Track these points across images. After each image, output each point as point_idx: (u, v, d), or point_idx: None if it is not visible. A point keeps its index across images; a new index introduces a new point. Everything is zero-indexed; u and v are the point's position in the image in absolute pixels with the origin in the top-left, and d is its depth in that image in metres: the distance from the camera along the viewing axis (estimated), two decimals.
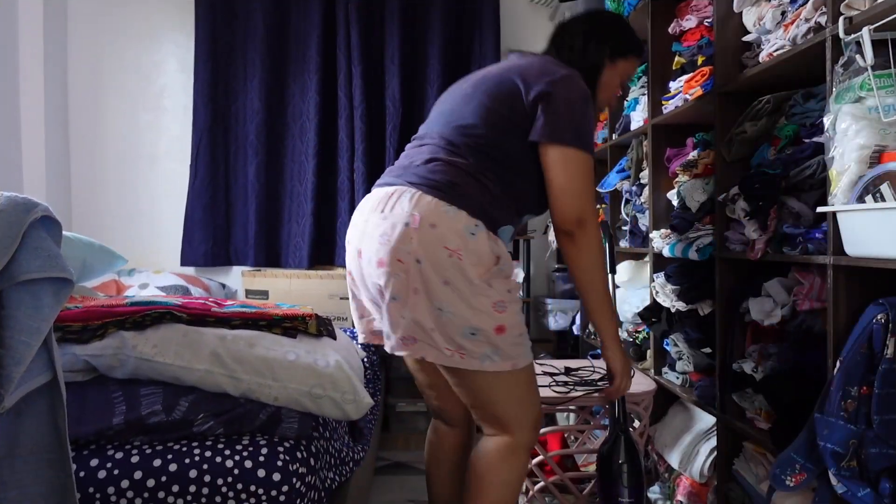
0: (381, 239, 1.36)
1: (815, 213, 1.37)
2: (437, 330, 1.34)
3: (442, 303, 1.32)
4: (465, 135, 1.44)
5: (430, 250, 1.32)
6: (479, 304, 1.34)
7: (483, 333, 1.34)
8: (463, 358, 1.35)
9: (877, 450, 1.11)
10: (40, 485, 0.92)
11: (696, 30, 2.00)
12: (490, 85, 1.49)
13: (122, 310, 1.41)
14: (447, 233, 1.32)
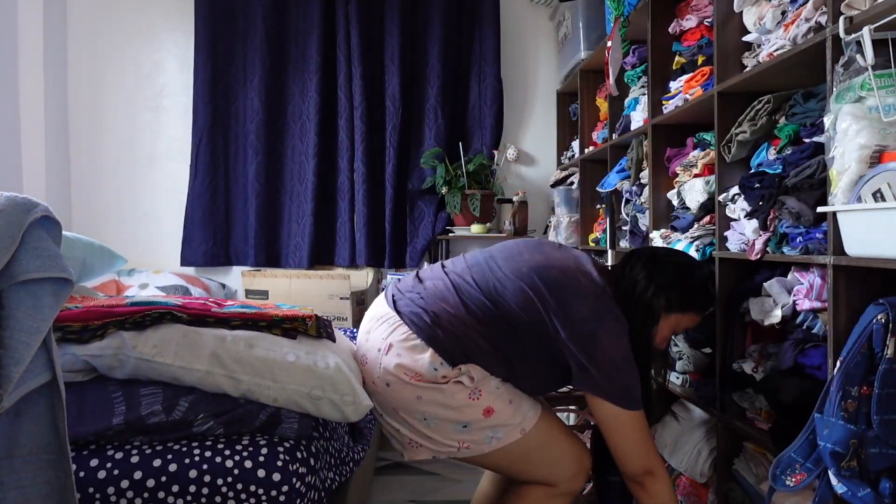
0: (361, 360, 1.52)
1: (815, 213, 1.37)
2: (432, 437, 1.43)
3: (425, 413, 1.41)
4: (492, 302, 1.41)
5: (397, 376, 1.41)
6: (456, 402, 1.40)
7: (473, 423, 1.41)
8: (469, 448, 1.42)
9: (877, 450, 1.11)
10: (40, 485, 0.92)
11: (696, 30, 2.00)
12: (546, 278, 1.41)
13: (122, 310, 1.41)
14: (409, 365, 1.40)
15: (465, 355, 1.40)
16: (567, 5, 3.19)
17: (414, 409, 1.42)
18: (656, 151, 2.18)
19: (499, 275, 1.44)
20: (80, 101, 3.46)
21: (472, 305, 1.42)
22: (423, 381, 1.40)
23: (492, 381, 1.42)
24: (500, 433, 1.41)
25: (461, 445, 1.42)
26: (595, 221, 3.03)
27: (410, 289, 1.52)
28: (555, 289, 1.39)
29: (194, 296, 2.68)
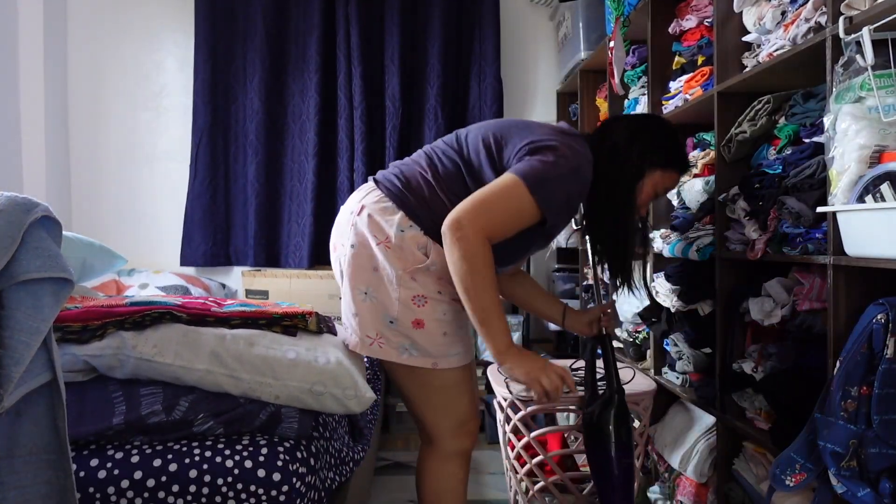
0: (335, 226, 1.52)
1: (815, 213, 1.37)
2: (359, 315, 1.43)
3: (368, 286, 1.41)
4: (454, 153, 1.46)
5: (364, 236, 1.42)
6: (399, 295, 1.39)
7: (400, 324, 1.40)
8: (382, 347, 1.41)
9: (877, 450, 1.11)
10: (40, 485, 0.92)
11: (696, 30, 2.00)
12: (505, 123, 1.48)
13: (122, 310, 1.41)
14: (380, 223, 1.41)
15: (433, 222, 1.35)
16: (567, 5, 3.19)
17: (363, 279, 1.41)
18: None
19: (468, 135, 1.49)
20: (80, 101, 3.46)
21: (439, 165, 1.45)
22: (390, 246, 1.37)
23: (442, 304, 1.40)
24: (414, 352, 1.40)
25: (376, 339, 1.40)
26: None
27: (390, 167, 1.55)
28: (516, 124, 1.45)
29: (194, 296, 2.68)
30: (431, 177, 1.44)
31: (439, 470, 1.51)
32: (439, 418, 1.49)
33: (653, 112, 2.20)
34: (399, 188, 1.44)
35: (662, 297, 2.04)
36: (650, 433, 2.13)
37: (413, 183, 1.44)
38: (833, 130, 1.22)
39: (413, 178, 1.44)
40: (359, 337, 1.43)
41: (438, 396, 1.48)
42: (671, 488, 2.04)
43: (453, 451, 1.51)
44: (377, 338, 1.42)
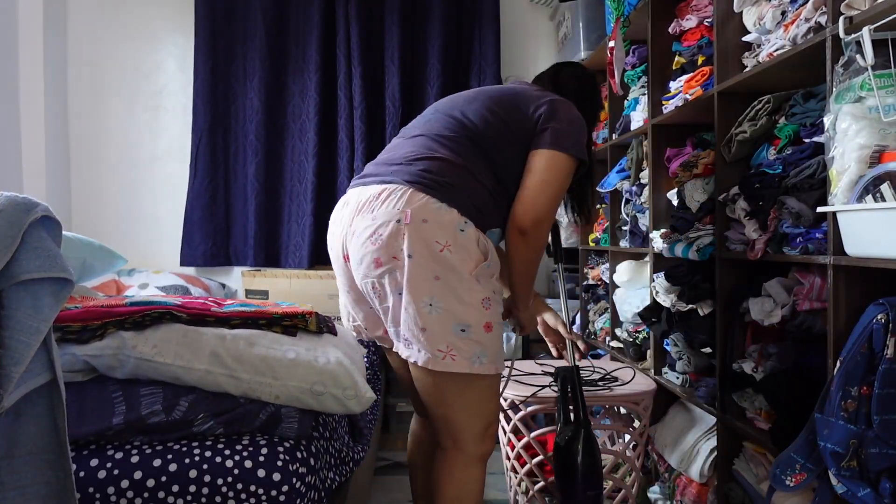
0: (372, 240, 1.36)
1: (815, 213, 1.37)
2: (427, 329, 1.34)
3: (433, 297, 1.33)
4: (464, 131, 1.46)
5: (421, 245, 1.33)
6: (469, 299, 1.35)
7: (473, 330, 1.35)
8: (455, 360, 1.34)
9: (877, 450, 1.11)
10: (40, 485, 0.92)
11: (697, 30, 2.00)
12: (493, 93, 1.54)
13: (122, 310, 1.41)
14: (438, 228, 1.34)
15: (479, 211, 1.40)
16: (567, 5, 3.19)
17: (425, 289, 1.33)
18: (656, 151, 2.18)
19: (463, 112, 1.50)
20: (80, 101, 3.46)
21: (458, 150, 1.45)
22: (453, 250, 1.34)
23: (499, 305, 1.43)
24: (484, 359, 1.36)
25: (448, 352, 1.33)
26: (595, 221, 3.03)
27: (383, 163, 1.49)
28: (506, 92, 1.55)
29: (194, 296, 2.68)
30: (464, 162, 1.42)
31: (463, 474, 1.47)
32: (472, 421, 1.45)
33: (653, 111, 2.20)
34: (443, 185, 1.38)
35: (662, 297, 2.04)
36: (650, 433, 2.13)
37: (450, 176, 1.40)
38: (833, 130, 1.22)
39: (447, 171, 1.41)
40: (430, 353, 1.34)
41: (477, 400, 1.44)
42: (671, 488, 2.04)
43: (479, 454, 1.47)
44: (448, 351, 1.34)
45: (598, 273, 2.95)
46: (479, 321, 1.35)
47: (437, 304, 1.33)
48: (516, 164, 1.46)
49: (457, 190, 1.38)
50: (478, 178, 1.42)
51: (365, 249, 1.38)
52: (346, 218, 1.46)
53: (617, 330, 2.62)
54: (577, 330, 3.10)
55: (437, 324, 1.33)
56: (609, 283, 2.68)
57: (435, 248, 1.33)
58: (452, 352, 1.34)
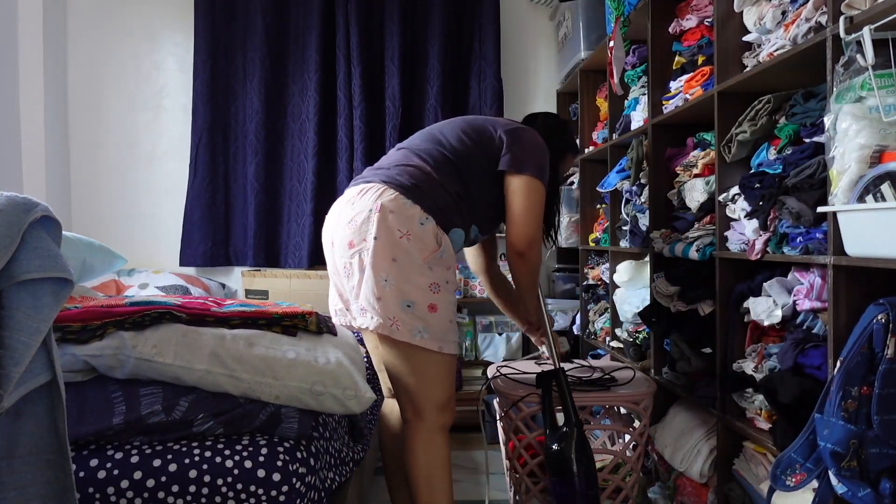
0: (349, 225, 1.62)
1: (815, 213, 1.37)
2: (382, 300, 1.56)
3: (388, 274, 1.56)
4: (440, 148, 1.71)
5: (385, 231, 1.57)
6: (417, 281, 1.58)
7: (417, 307, 1.57)
8: (399, 329, 1.56)
9: (877, 450, 1.11)
10: (40, 485, 0.92)
11: (697, 29, 2.00)
12: (469, 119, 1.80)
13: (122, 310, 1.41)
14: (401, 219, 1.58)
15: (441, 212, 1.63)
16: (567, 5, 3.19)
17: (383, 267, 1.56)
18: (656, 151, 2.18)
19: (441, 131, 1.76)
20: (80, 101, 3.46)
21: (432, 161, 1.69)
22: (411, 238, 1.57)
23: (449, 294, 1.63)
24: (426, 335, 1.58)
25: (394, 321, 1.56)
26: (595, 221, 3.03)
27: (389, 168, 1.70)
28: (477, 120, 1.80)
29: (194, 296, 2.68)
30: (433, 171, 1.67)
31: (428, 441, 1.65)
32: (432, 392, 1.64)
33: (653, 111, 2.20)
34: (412, 186, 1.62)
35: (662, 297, 2.04)
36: (650, 433, 2.13)
37: (420, 180, 1.64)
38: (833, 130, 1.22)
39: (418, 176, 1.65)
40: (381, 318, 1.57)
41: (434, 374, 1.64)
42: (671, 488, 2.04)
43: (440, 424, 1.66)
44: (395, 320, 1.56)
45: (598, 273, 2.95)
46: (423, 301, 1.58)
47: (390, 281, 1.56)
48: (483, 177, 1.70)
49: (423, 192, 1.62)
50: (445, 186, 1.66)
51: (342, 233, 1.63)
52: (336, 211, 1.71)
53: (617, 330, 2.62)
54: (577, 330, 3.09)
55: (389, 297, 1.56)
56: (609, 283, 2.68)
57: (396, 234, 1.57)
58: (398, 322, 1.56)
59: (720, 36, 1.76)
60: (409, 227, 1.58)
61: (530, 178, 1.66)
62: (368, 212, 1.59)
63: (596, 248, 2.95)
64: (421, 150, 1.72)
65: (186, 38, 3.46)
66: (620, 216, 2.60)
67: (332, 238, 1.70)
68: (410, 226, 1.58)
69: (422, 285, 1.58)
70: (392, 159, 1.73)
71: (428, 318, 1.58)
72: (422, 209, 1.60)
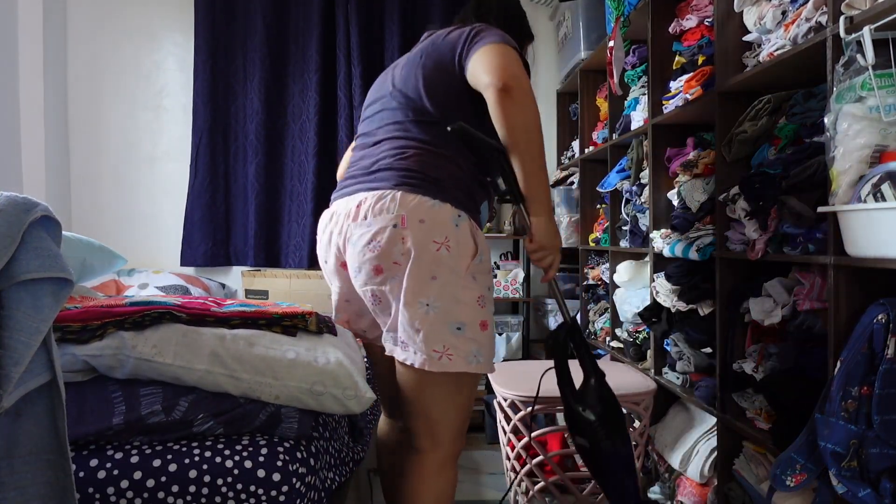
0: (371, 247, 1.35)
1: (815, 213, 1.37)
2: (423, 330, 1.33)
3: (429, 298, 1.32)
4: (417, 117, 1.42)
5: (420, 246, 1.32)
6: (464, 297, 1.34)
7: (469, 328, 1.34)
8: (451, 360, 1.33)
9: (877, 450, 1.11)
10: (39, 486, 0.92)
11: (697, 29, 2.00)
12: (424, 58, 1.47)
13: (122, 310, 1.41)
14: (434, 226, 1.32)
15: (466, 197, 1.38)
16: (567, 5, 3.19)
17: (422, 291, 1.32)
18: (656, 151, 2.18)
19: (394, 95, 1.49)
20: (80, 101, 3.46)
21: (417, 132, 1.40)
22: (450, 247, 1.32)
23: (491, 302, 1.40)
24: (481, 358, 1.34)
25: (444, 352, 1.31)
26: (595, 221, 3.03)
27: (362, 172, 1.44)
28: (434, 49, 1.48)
29: (194, 296, 2.68)
30: (438, 151, 1.39)
31: (440, 474, 1.44)
32: (453, 420, 1.43)
33: (653, 111, 2.20)
34: (432, 180, 1.35)
35: (662, 297, 2.04)
36: (650, 433, 2.13)
37: (431, 170, 1.37)
38: (834, 130, 1.22)
39: (427, 164, 1.38)
40: (426, 354, 1.33)
41: (463, 397, 1.43)
42: (671, 488, 2.04)
43: (454, 452, 1.47)
44: (445, 351, 1.32)
45: (598, 273, 2.95)
46: (474, 319, 1.34)
47: (433, 304, 1.32)
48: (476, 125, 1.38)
49: (443, 183, 1.36)
50: (456, 161, 1.39)
51: (363, 257, 1.37)
52: (339, 227, 1.45)
53: (617, 330, 2.62)
54: None
55: (433, 324, 1.33)
56: (609, 283, 2.68)
57: (432, 248, 1.32)
58: (449, 351, 1.33)
59: (720, 36, 1.76)
60: (446, 233, 1.32)
61: (492, 44, 1.37)
62: (393, 228, 1.32)
63: (596, 248, 2.94)
64: (399, 132, 1.43)
65: (186, 38, 3.46)
66: (620, 216, 2.60)
67: (342, 257, 1.46)
68: (447, 231, 1.32)
69: (469, 301, 1.34)
70: (383, 152, 1.43)
71: (481, 338, 1.34)
72: (452, 206, 1.35)
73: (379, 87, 1.59)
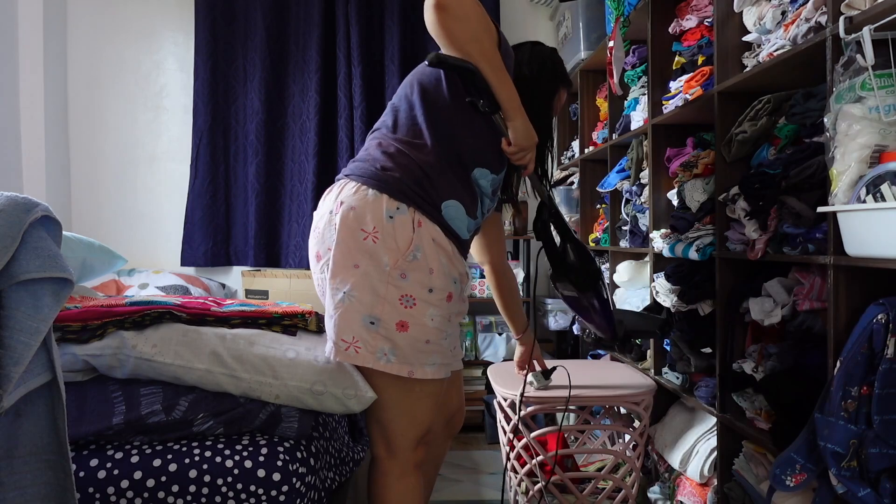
0: (315, 234, 1.42)
1: (815, 213, 1.37)
2: (335, 317, 1.32)
3: (347, 285, 1.30)
4: (395, 110, 1.44)
5: (346, 232, 1.31)
6: (384, 293, 1.30)
7: (383, 325, 1.30)
8: (358, 352, 1.31)
9: (877, 450, 1.11)
10: (39, 485, 0.92)
11: (697, 29, 2.00)
12: (418, 70, 1.47)
13: (122, 309, 1.41)
14: (364, 215, 1.31)
15: (414, 190, 1.34)
16: (567, 5, 3.19)
17: (342, 277, 1.31)
18: (656, 151, 2.18)
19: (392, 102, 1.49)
20: (80, 101, 3.46)
21: (391, 126, 1.43)
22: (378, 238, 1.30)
23: (431, 307, 1.33)
24: (392, 358, 1.31)
25: (352, 343, 1.30)
26: (595, 221, 3.03)
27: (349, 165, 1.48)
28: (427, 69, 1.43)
29: (194, 296, 2.68)
30: (391, 136, 1.40)
31: (400, 484, 1.41)
32: (405, 428, 1.40)
33: (653, 111, 2.20)
34: (373, 170, 1.35)
35: (662, 297, 2.04)
36: (650, 433, 2.13)
37: (379, 158, 1.37)
38: (833, 130, 1.22)
39: (375, 154, 1.39)
40: (333, 342, 1.33)
41: (407, 405, 1.39)
42: (671, 488, 2.04)
43: (414, 462, 1.43)
44: (353, 342, 1.31)
45: None
46: (391, 317, 1.30)
47: (350, 293, 1.30)
48: (456, 108, 1.37)
49: (389, 172, 1.34)
50: (415, 147, 1.36)
51: (310, 244, 1.44)
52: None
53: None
54: (577, 330, 3.10)
55: (346, 313, 1.31)
56: (609, 283, 2.68)
57: (359, 236, 1.30)
58: (357, 343, 1.30)
59: (720, 36, 1.76)
60: (376, 224, 1.30)
61: None
62: (329, 214, 1.36)
63: (596, 248, 2.94)
64: (379, 126, 1.48)
65: (186, 38, 3.46)
66: (620, 216, 2.60)
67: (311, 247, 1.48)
68: (377, 222, 1.30)
69: (390, 298, 1.30)
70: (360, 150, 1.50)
71: (396, 337, 1.31)
72: (389, 197, 1.31)
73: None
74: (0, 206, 0.87)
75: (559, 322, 3.23)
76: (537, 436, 1.82)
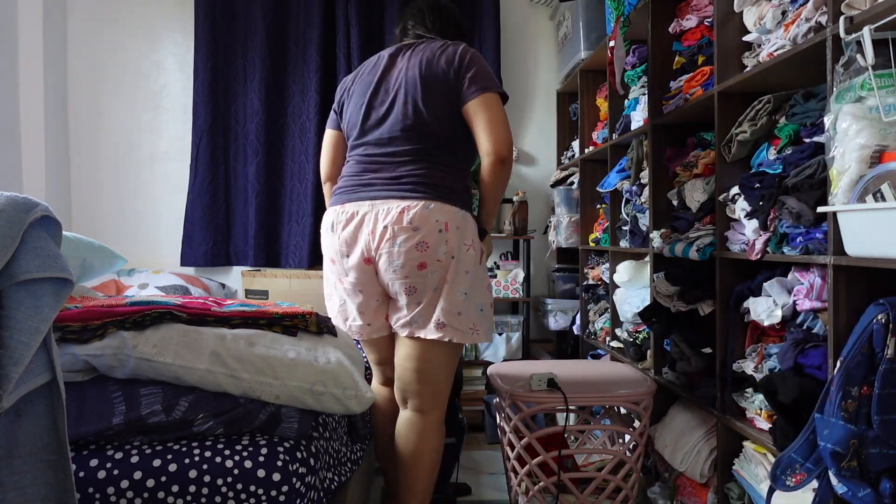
0: (419, 247, 1.61)
1: (815, 213, 1.37)
2: (463, 313, 1.65)
3: (467, 287, 1.65)
4: (426, 134, 1.68)
5: (458, 247, 1.64)
6: (484, 285, 1.71)
7: (487, 309, 1.71)
8: (478, 333, 1.68)
9: (877, 450, 1.11)
10: (39, 486, 0.92)
11: (697, 29, 2.00)
12: (424, 80, 1.70)
13: (122, 310, 1.41)
14: (465, 231, 1.65)
15: (467, 197, 1.71)
16: (567, 5, 3.19)
17: (461, 282, 1.64)
18: (656, 151, 2.18)
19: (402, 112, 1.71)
20: (80, 101, 3.46)
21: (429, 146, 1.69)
22: (474, 247, 1.67)
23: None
24: (492, 331, 1.74)
25: (475, 328, 1.67)
26: (595, 221, 3.03)
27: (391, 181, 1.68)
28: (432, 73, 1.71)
29: (194, 296, 2.68)
30: (447, 164, 1.69)
31: (440, 430, 1.75)
32: (449, 385, 1.76)
33: (653, 111, 2.20)
34: (452, 192, 1.66)
35: (662, 297, 2.04)
36: (650, 433, 2.13)
37: (449, 181, 1.67)
38: (833, 130, 1.22)
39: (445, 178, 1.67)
40: (463, 330, 1.66)
41: (454, 368, 1.77)
42: (671, 488, 2.04)
43: (444, 414, 1.77)
44: (475, 327, 1.67)
45: (598, 273, 2.95)
46: (488, 301, 1.73)
47: (469, 293, 1.66)
48: (462, 131, 1.70)
49: (457, 192, 1.68)
50: (458, 169, 1.72)
51: (408, 256, 1.61)
52: (371, 227, 1.64)
53: (617, 330, 2.62)
54: (577, 330, 3.10)
55: (468, 308, 1.66)
56: (609, 283, 2.68)
57: (465, 248, 1.65)
58: (477, 328, 1.68)
59: (720, 36, 1.76)
60: (472, 236, 1.67)
61: (493, 93, 1.67)
62: (439, 233, 1.62)
63: (596, 248, 2.94)
64: (412, 146, 1.69)
65: (186, 38, 3.46)
66: (620, 216, 2.60)
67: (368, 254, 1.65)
68: (472, 234, 1.67)
69: (486, 287, 1.72)
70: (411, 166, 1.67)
71: (491, 315, 1.74)
72: (470, 214, 1.69)
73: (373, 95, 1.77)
74: (0, 206, 0.87)
75: (559, 322, 3.23)
76: (537, 436, 1.82)
